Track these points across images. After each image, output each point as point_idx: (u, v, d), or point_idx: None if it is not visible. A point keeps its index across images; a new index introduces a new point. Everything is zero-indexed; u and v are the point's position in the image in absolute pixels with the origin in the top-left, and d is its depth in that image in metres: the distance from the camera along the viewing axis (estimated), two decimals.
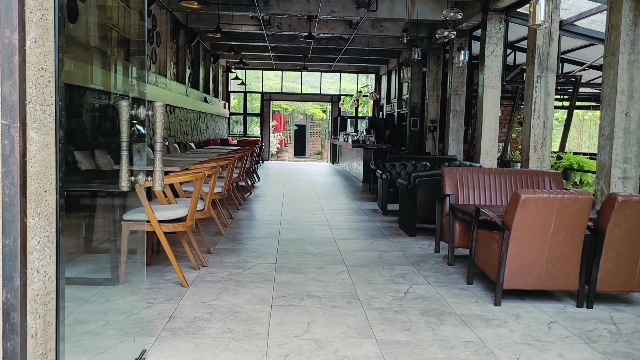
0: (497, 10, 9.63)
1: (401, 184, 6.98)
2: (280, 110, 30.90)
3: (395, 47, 15.63)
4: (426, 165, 8.88)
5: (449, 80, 11.92)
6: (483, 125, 9.79)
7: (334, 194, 11.08)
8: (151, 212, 4.11)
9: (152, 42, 10.74)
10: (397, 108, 17.84)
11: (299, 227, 7.07)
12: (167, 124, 11.42)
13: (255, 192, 10.85)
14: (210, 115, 17.19)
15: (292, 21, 13.39)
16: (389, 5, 11.52)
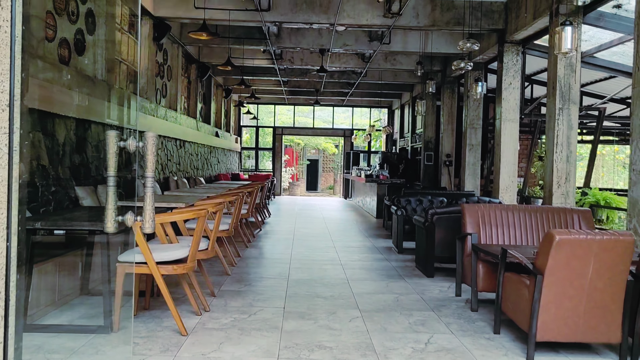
0: (514, 42, 9.39)
1: (418, 221, 6.61)
2: (293, 145, 30.81)
3: (408, 80, 15.46)
4: (443, 201, 8.52)
5: (465, 113, 11.64)
6: (501, 159, 9.44)
7: (347, 230, 10.71)
8: (148, 253, 3.79)
9: (162, 76, 10.63)
10: (411, 142, 17.57)
11: (310, 266, 6.70)
12: (177, 159, 11.22)
13: (265, 229, 10.51)
14: (222, 150, 17.03)
15: (304, 55, 13.29)
16: (402, 38, 11.36)
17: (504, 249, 4.08)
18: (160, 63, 10.47)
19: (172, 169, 10.75)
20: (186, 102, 12.96)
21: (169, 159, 10.56)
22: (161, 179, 9.95)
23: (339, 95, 19.38)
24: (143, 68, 9.26)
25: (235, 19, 9.15)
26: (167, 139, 10.47)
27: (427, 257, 6.26)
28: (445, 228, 6.22)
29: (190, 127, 12.51)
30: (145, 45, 9.26)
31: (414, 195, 8.60)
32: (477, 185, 11.51)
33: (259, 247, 8.21)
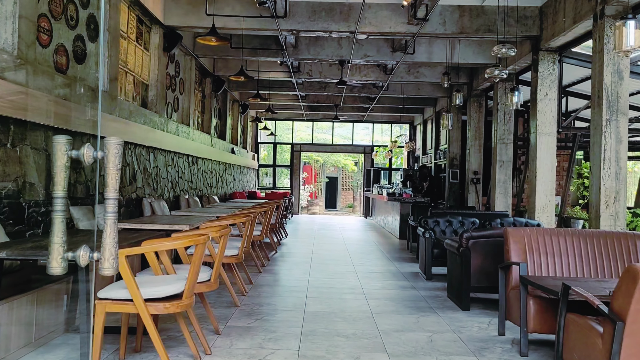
0: (550, 49, 8.68)
1: (450, 246, 5.88)
2: (311, 162, 30.24)
3: (431, 94, 14.78)
4: (475, 222, 7.77)
5: (494, 127, 10.91)
6: (537, 177, 8.67)
7: (368, 253, 9.98)
8: (135, 289, 3.14)
9: (174, 89, 10.12)
10: (434, 159, 16.83)
11: (329, 295, 6.00)
12: (189, 176, 10.66)
13: (281, 250, 9.84)
14: (238, 167, 16.48)
15: (323, 68, 12.71)
16: (426, 48, 10.72)
17: (566, 285, 3.35)
18: (172, 75, 9.97)
19: (183, 187, 10.18)
20: (200, 117, 12.45)
21: (180, 176, 10.00)
22: (171, 198, 9.37)
23: (358, 111, 18.77)
24: (152, 79, 8.74)
25: (249, 27, 8.61)
26: (179, 155, 9.92)
27: (461, 286, 5.52)
28: (482, 254, 5.49)
29: (204, 143, 11.97)
30: (155, 55, 8.75)
31: (443, 216, 7.87)
32: (508, 205, 10.72)
33: (274, 272, 7.54)
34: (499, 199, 10.72)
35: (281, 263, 8.36)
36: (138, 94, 8.32)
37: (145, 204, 7.71)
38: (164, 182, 9.02)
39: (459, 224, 7.76)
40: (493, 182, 10.84)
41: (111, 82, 6.80)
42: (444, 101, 15.56)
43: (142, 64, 8.43)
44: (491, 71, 7.15)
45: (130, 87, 7.98)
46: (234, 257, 5.46)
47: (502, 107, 10.76)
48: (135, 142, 7.55)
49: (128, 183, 7.36)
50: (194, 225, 5.36)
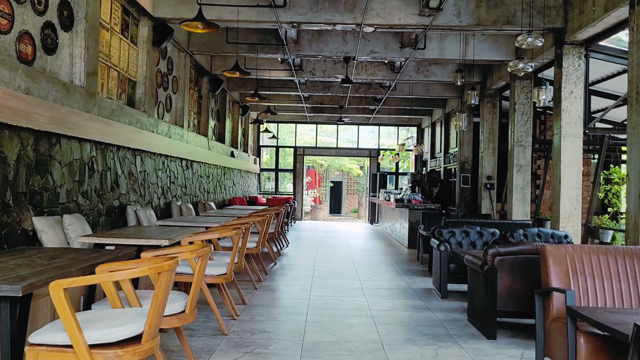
0: (575, 43, 7.91)
1: (472, 263, 5.11)
2: (315, 166, 29.50)
3: (441, 94, 14.01)
4: (494, 233, 6.99)
5: (511, 129, 10.13)
6: (562, 182, 7.89)
7: (375, 264, 9.21)
8: (76, 331, 2.39)
9: (166, 87, 9.40)
10: (444, 163, 16.05)
11: (332, 319, 5.23)
12: (183, 181, 9.92)
13: (281, 262, 9.08)
14: (238, 171, 15.75)
15: (327, 66, 11.97)
16: (438, 44, 9.97)
17: (638, 326, 2.57)
18: (163, 72, 9.25)
19: (175, 193, 9.44)
20: (196, 118, 11.73)
21: (172, 181, 9.26)
22: (161, 205, 8.63)
23: (364, 113, 18.02)
24: (140, 76, 8.02)
25: (246, 19, 7.87)
26: (171, 158, 9.19)
27: (486, 311, 4.74)
28: (511, 273, 4.71)
29: (200, 146, 11.25)
30: (144, 50, 8.03)
31: (459, 226, 7.09)
32: (526, 213, 9.93)
33: (271, 288, 6.77)
34: (516, 206, 9.93)
35: (280, 277, 7.60)
36: (124, 91, 7.59)
37: (130, 212, 6.97)
38: (153, 188, 8.28)
39: (477, 235, 6.98)
40: (510, 187, 10.05)
41: (89, 77, 6.07)
42: (454, 102, 14.79)
43: (128, 59, 7.70)
44: (515, 64, 6.37)
45: (114, 84, 7.26)
46: (221, 276, 4.70)
47: (519, 107, 9.98)
48: (118, 144, 6.82)
49: (109, 189, 6.63)
50: (175, 239, 4.62)
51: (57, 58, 5.64)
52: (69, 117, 5.48)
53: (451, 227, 7.03)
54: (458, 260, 6.44)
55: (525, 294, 4.65)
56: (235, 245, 4.85)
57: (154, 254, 3.57)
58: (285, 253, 10.31)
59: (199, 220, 6.91)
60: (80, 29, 5.97)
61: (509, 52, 9.92)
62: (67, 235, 5.04)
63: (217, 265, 4.78)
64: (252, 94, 10.30)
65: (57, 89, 5.34)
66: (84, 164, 5.94)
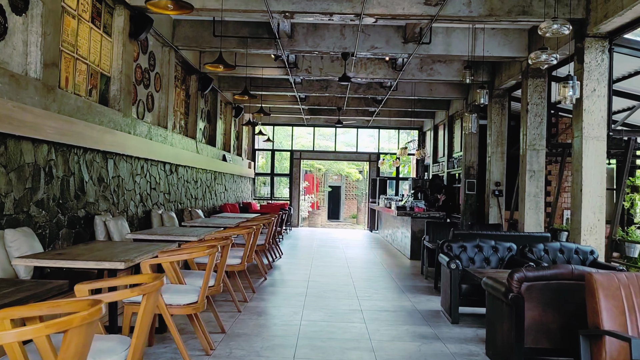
0: (599, 35, 7.12)
1: (493, 289, 4.29)
2: (313, 170, 28.70)
3: (445, 95, 13.21)
4: (511, 248, 6.17)
5: (522, 132, 9.33)
6: (583, 190, 7.08)
7: (376, 279, 8.39)
8: None
9: (147, 84, 8.59)
10: (447, 167, 15.24)
11: (326, 354, 4.41)
12: (166, 187, 9.10)
13: (272, 276, 8.26)
14: (231, 176, 14.93)
15: (324, 63, 11.18)
16: (443, 39, 9.18)
17: None
18: (144, 69, 8.45)
19: (157, 200, 8.62)
20: (183, 119, 10.92)
21: (152, 187, 8.44)
22: (139, 214, 7.82)
23: (363, 115, 17.22)
24: (115, 70, 7.21)
25: (232, 8, 7.07)
26: (151, 162, 8.38)
27: (510, 348, 3.92)
28: (541, 303, 3.90)
29: (187, 149, 10.44)
30: (119, 42, 7.22)
31: (470, 239, 6.27)
32: (540, 222, 9.12)
33: (257, 311, 5.95)
34: (529, 215, 9.12)
35: (269, 296, 6.77)
36: (95, 87, 6.78)
37: (98, 223, 6.15)
38: (130, 195, 7.47)
39: (491, 250, 6.17)
40: (522, 195, 9.24)
41: (47, 69, 5.26)
42: (459, 104, 14.00)
43: (100, 52, 6.90)
44: (536, 56, 5.56)
45: (82, 78, 6.45)
46: (190, 306, 3.88)
47: (532, 108, 9.18)
48: (84, 146, 6.00)
49: (73, 197, 5.81)
50: (135, 259, 3.81)
51: (6, 45, 4.84)
52: (18, 113, 4.67)
53: (462, 241, 6.22)
54: (471, 280, 5.64)
55: (559, 328, 3.84)
56: (209, 267, 4.03)
57: (93, 286, 2.77)
58: (278, 265, 9.49)
59: (176, 232, 6.09)
60: (36, 13, 5.17)
61: (520, 48, 9.14)
62: (9, 254, 4.22)
63: (187, 292, 3.96)
64: (240, 92, 9.48)
65: (2, 80, 4.54)
66: (38, 168, 5.12)
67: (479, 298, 5.60)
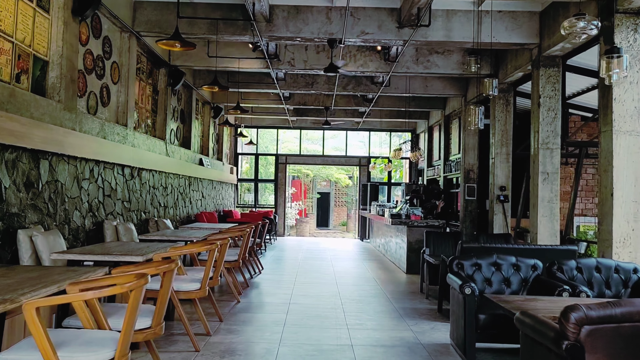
0: (630, 11, 6.03)
1: (535, 331, 3.10)
2: (301, 176, 27.49)
3: (442, 92, 12.10)
4: (536, 266, 5.01)
5: (534, 129, 8.21)
6: (615, 194, 5.95)
7: (369, 300, 7.19)
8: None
9: (101, 74, 7.37)
10: (444, 171, 14.12)
11: None
12: (125, 194, 7.87)
13: (247, 298, 7.04)
14: (209, 182, 13.70)
15: (309, 55, 10.02)
16: (443, 23, 8.05)
17: None
18: (97, 56, 7.23)
19: (113, 209, 7.38)
20: (150, 117, 9.70)
21: (107, 194, 7.20)
22: (87, 225, 6.57)
23: (353, 116, 16.07)
24: (55, 54, 5.99)
25: None
26: (105, 165, 7.15)
27: None
28: (610, 355, 2.73)
29: (154, 151, 9.21)
30: (59, 20, 6.00)
31: (485, 256, 5.10)
32: (555, 231, 7.98)
33: (221, 349, 4.71)
34: (542, 223, 7.98)
35: (239, 326, 5.55)
36: (24, 71, 5.56)
37: (22, 239, 4.91)
38: (73, 204, 6.23)
39: (512, 268, 5.00)
40: (534, 200, 8.11)
41: None
42: (456, 102, 12.91)
43: (33, 29, 5.68)
44: (571, 24, 4.38)
45: (6, 60, 5.22)
46: None
47: (545, 102, 8.07)
48: (1, 143, 4.77)
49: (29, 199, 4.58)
50: (40, 294, 2.60)
51: None
52: None
53: (475, 258, 5.04)
54: (490, 308, 4.47)
55: None
56: (131, 306, 2.81)
57: None
58: (257, 283, 8.27)
59: (120, 249, 4.86)
60: None
61: (531, 33, 8.04)
62: None
63: (100, 345, 2.74)
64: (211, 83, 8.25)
65: None
66: None
67: (501, 332, 4.44)
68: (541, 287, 4.77)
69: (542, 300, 3.93)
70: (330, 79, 11.88)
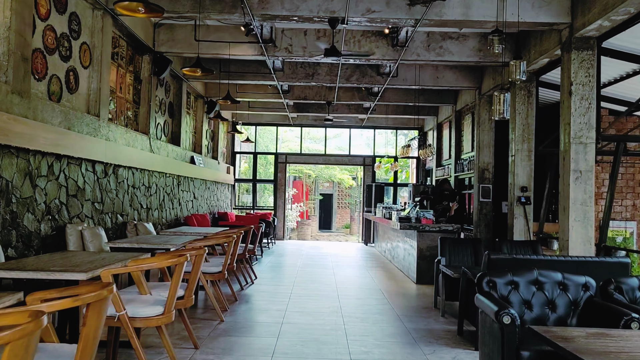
0: None
1: None
2: (302, 177, 26.49)
3: (455, 84, 11.08)
4: (588, 285, 3.98)
5: (564, 120, 7.17)
6: None
7: (375, 319, 6.17)
8: None
9: (67, 56, 6.39)
10: (454, 171, 13.10)
11: None
12: (96, 194, 6.88)
13: (234, 315, 6.03)
14: (202, 182, 12.71)
15: (308, 40, 9.03)
16: (461, 1, 7.04)
17: None
18: (62, 34, 6.25)
19: (79, 211, 6.40)
20: (131, 109, 8.72)
21: (71, 194, 6.22)
22: (44, 231, 5.58)
23: (357, 112, 15.07)
24: (1, 27, 5.01)
25: None
26: (70, 160, 6.16)
27: None
28: None
29: (135, 147, 8.24)
30: None
31: (523, 271, 4.06)
32: (590, 239, 6.94)
33: None
34: (574, 229, 6.94)
35: (218, 355, 4.54)
36: None
37: None
38: (24, 205, 5.24)
39: (558, 287, 3.97)
40: (565, 202, 7.07)
41: None
42: (469, 96, 11.90)
43: None
44: None
45: None
46: None
47: (577, 89, 7.04)
48: None
49: None
50: None
51: None
52: None
53: (511, 274, 4.01)
54: (535, 343, 3.45)
55: None
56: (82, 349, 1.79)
57: None
58: (247, 296, 7.27)
59: (60, 263, 3.85)
60: None
61: (562, 12, 7.03)
62: None
63: None
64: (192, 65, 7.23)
65: None
66: None
67: None
68: (597, 312, 3.75)
69: (611, 336, 2.92)
70: (332, 69, 10.89)
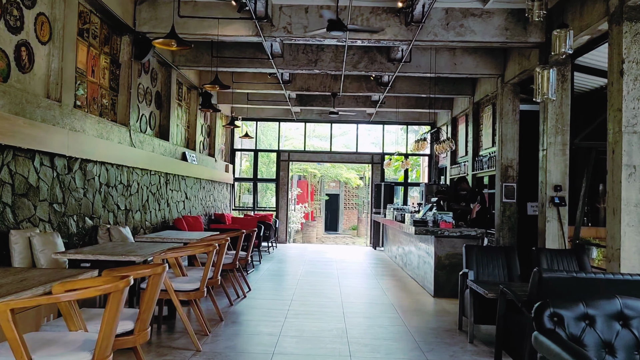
0: None
1: None
2: (307, 176, 25.38)
3: (474, 71, 9.92)
4: None
5: (612, 107, 6.00)
6: None
7: (389, 346, 5.04)
8: None
9: (16, 28, 5.32)
10: (472, 169, 11.94)
11: None
12: (56, 194, 5.80)
13: (215, 341, 4.92)
14: (196, 181, 11.62)
15: (310, 18, 7.91)
16: None
17: None
18: (9, 1, 5.17)
19: (31, 213, 5.31)
20: (107, 96, 7.64)
21: (20, 193, 5.13)
22: None
23: (364, 105, 13.93)
24: None
25: None
26: (17, 152, 5.08)
27: None
28: None
29: (111, 139, 7.16)
30: None
31: (598, 299, 2.91)
32: None
33: None
34: (627, 237, 5.76)
35: None
36: None
37: None
38: None
39: None
40: (615, 204, 5.90)
41: None
42: (490, 85, 10.75)
43: None
44: None
45: None
46: None
47: (630, 68, 5.86)
48: None
49: None
50: None
51: None
52: None
53: (583, 305, 2.86)
54: None
55: None
56: None
57: None
58: (236, 314, 6.15)
59: None
60: None
61: None
62: None
63: None
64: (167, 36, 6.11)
65: None
66: None
67: None
68: None
69: None
70: (337, 55, 9.77)
